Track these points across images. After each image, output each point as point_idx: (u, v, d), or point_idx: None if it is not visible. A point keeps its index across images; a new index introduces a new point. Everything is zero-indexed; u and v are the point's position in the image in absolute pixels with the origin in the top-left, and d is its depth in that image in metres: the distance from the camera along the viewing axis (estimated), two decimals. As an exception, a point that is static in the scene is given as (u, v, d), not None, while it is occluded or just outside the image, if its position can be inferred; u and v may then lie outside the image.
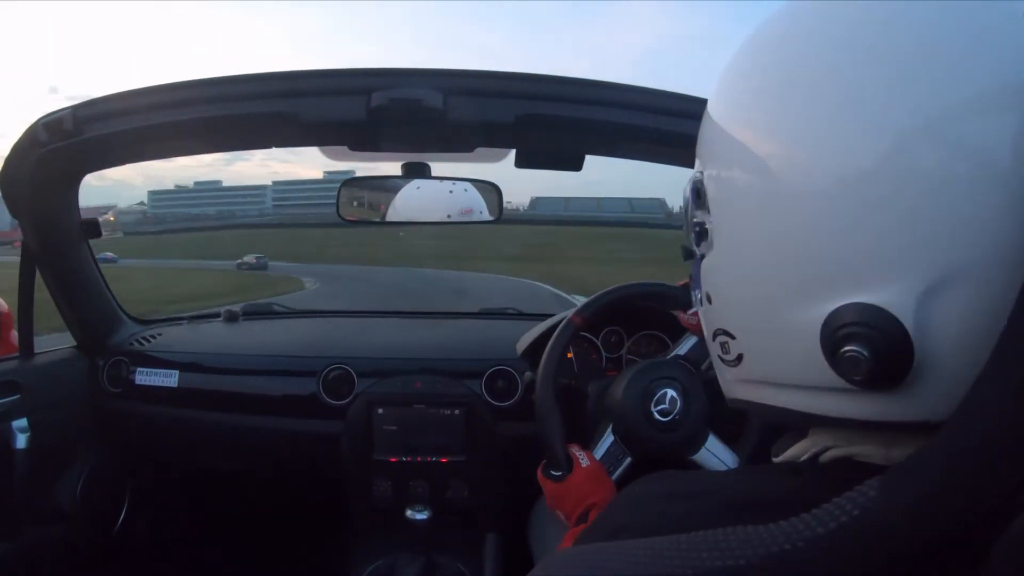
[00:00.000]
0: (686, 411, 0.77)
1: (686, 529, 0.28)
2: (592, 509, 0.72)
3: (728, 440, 0.79)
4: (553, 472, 0.79)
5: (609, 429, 0.81)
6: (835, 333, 0.30)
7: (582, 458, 0.78)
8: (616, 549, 0.30)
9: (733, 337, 0.37)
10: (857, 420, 0.32)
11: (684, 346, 0.87)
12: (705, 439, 0.77)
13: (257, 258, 26.49)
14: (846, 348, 0.30)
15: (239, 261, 25.87)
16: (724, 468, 0.74)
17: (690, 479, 0.36)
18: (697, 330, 0.86)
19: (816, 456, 0.35)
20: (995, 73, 0.28)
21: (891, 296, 0.29)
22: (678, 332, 1.09)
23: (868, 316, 0.29)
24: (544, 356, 0.87)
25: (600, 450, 0.81)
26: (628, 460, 0.80)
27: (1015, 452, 0.24)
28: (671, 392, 0.77)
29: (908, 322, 0.29)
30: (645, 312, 1.10)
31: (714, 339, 0.39)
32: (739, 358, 0.37)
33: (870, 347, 0.29)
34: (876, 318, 0.29)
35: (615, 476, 0.79)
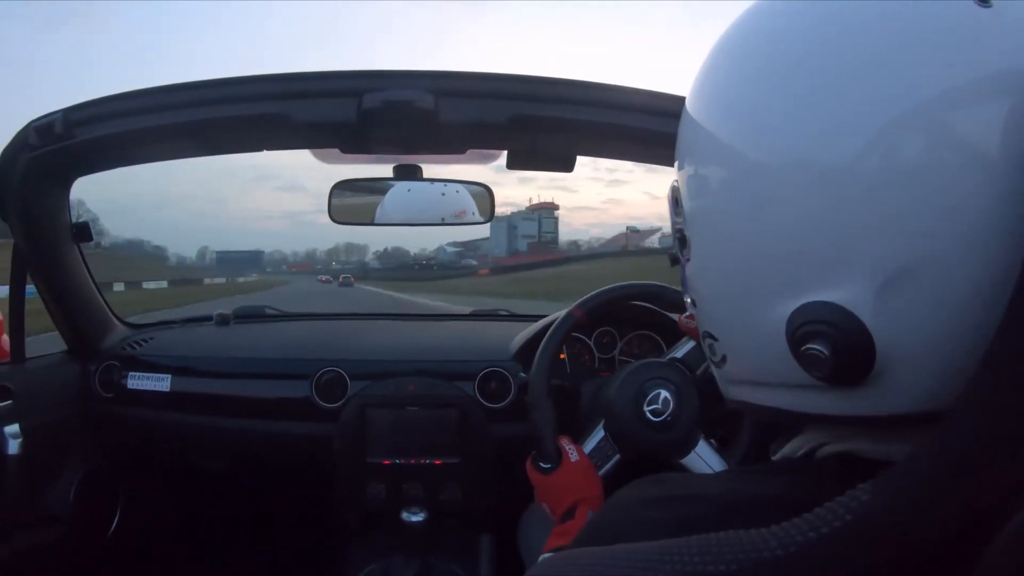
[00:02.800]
0: (678, 413, 0.77)
1: (682, 534, 0.28)
2: (579, 505, 0.72)
3: (719, 445, 0.79)
4: (542, 464, 0.79)
5: (600, 424, 0.81)
6: (797, 331, 0.30)
7: (572, 452, 0.78)
8: (608, 553, 0.29)
9: (716, 339, 0.38)
10: (836, 416, 0.32)
11: (681, 349, 0.87)
12: (695, 443, 0.77)
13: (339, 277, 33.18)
14: (807, 346, 0.30)
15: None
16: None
17: (686, 482, 0.36)
18: (693, 334, 0.86)
19: (811, 452, 0.35)
20: (982, 61, 0.28)
21: (849, 293, 0.29)
22: (670, 333, 1.08)
23: (826, 314, 0.29)
24: (542, 344, 0.87)
25: (590, 444, 0.81)
26: (617, 457, 0.80)
27: (1010, 453, 0.24)
28: (664, 393, 0.77)
29: (867, 318, 0.29)
30: (638, 313, 1.11)
31: (704, 341, 0.40)
32: (723, 359, 0.38)
33: (829, 344, 0.29)
34: (834, 315, 0.29)
35: (603, 472, 0.79)
